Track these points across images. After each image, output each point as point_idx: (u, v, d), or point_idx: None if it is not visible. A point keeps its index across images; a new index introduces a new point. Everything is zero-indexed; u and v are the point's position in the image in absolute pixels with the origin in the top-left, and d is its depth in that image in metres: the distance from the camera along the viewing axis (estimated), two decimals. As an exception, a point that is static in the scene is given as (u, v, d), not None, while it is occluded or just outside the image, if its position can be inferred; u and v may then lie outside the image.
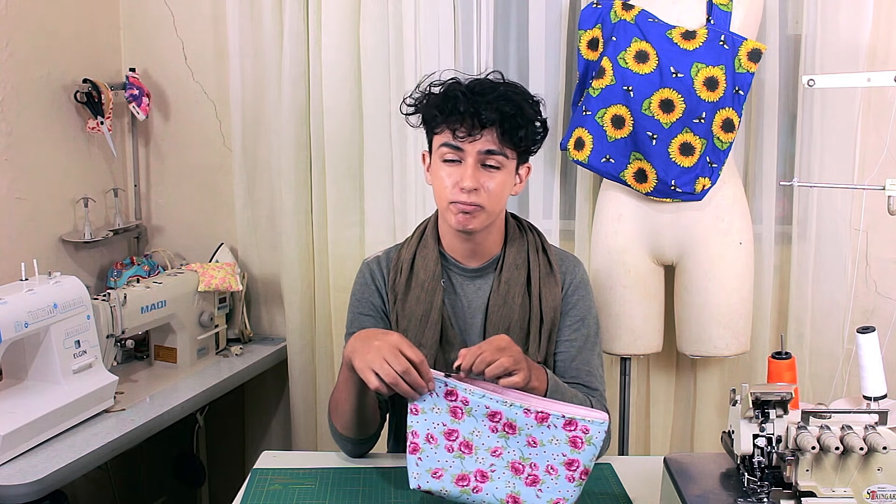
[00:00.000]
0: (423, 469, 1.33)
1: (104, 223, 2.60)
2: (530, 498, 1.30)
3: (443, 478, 1.32)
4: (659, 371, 2.37)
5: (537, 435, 1.29)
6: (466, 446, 1.32)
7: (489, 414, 1.30)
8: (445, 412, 1.31)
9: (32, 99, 2.31)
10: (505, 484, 1.31)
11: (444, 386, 1.31)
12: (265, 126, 2.55)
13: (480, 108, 1.48)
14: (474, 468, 1.32)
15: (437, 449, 1.32)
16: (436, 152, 1.56)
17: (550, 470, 1.29)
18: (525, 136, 1.53)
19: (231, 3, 2.48)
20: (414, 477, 1.33)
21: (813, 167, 2.18)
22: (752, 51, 2.00)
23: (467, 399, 1.30)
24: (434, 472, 1.33)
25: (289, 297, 2.52)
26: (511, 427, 1.30)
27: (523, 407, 1.28)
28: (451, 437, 1.32)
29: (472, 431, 1.31)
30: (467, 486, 1.32)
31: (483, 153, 1.50)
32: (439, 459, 1.32)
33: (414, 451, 1.33)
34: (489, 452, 1.31)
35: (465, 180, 1.49)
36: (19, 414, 1.75)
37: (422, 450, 1.33)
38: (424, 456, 1.33)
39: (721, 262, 2.10)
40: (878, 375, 1.34)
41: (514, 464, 1.31)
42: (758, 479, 1.19)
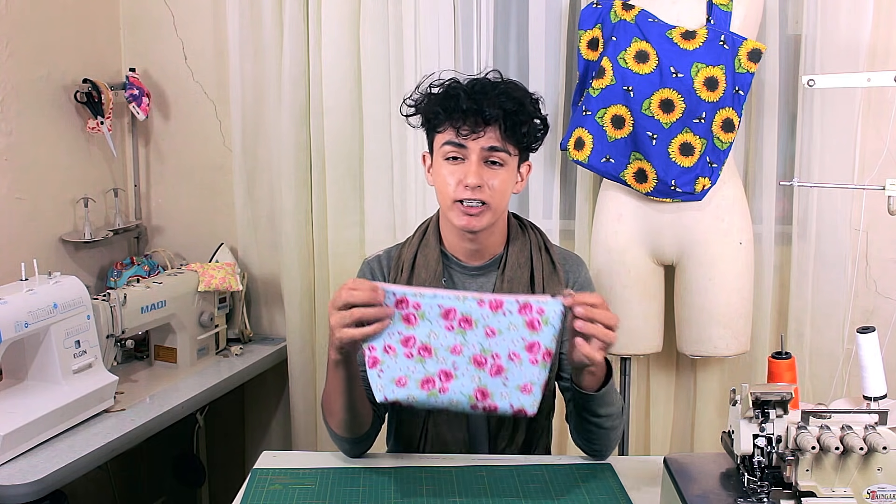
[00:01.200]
0: (386, 380, 1.31)
1: (104, 223, 2.60)
2: (497, 388, 1.30)
3: (407, 385, 1.31)
4: (659, 371, 2.37)
5: (494, 324, 1.28)
6: (425, 349, 1.30)
7: (443, 313, 1.29)
8: (398, 320, 1.30)
9: (32, 99, 2.31)
10: (470, 379, 1.31)
11: (394, 296, 1.29)
12: (265, 126, 2.55)
13: (483, 105, 1.49)
14: (437, 369, 1.31)
15: (396, 358, 1.31)
16: (438, 151, 1.56)
17: (513, 356, 1.29)
18: (528, 133, 1.54)
19: (231, 3, 2.48)
20: (378, 389, 1.31)
21: (813, 167, 2.18)
22: (752, 51, 2.00)
23: (419, 303, 1.28)
24: (398, 381, 1.31)
25: (289, 297, 2.52)
26: (467, 321, 1.29)
27: (476, 299, 1.28)
28: (408, 344, 1.30)
29: (428, 334, 1.30)
30: (434, 389, 1.30)
31: (486, 150, 1.51)
32: (400, 368, 1.31)
33: (373, 364, 1.31)
34: (449, 351, 1.30)
35: (470, 177, 1.49)
36: (19, 414, 1.75)
37: (381, 361, 1.31)
38: (385, 367, 1.31)
39: (721, 262, 2.10)
40: (878, 375, 1.34)
41: (475, 357, 1.30)
42: (758, 479, 1.19)
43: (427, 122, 1.58)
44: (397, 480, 1.46)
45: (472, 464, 1.52)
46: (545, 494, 1.41)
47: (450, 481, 1.45)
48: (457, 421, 1.61)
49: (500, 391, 1.30)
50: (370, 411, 1.53)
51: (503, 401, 1.31)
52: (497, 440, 1.62)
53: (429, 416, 1.61)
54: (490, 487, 1.44)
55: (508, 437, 1.62)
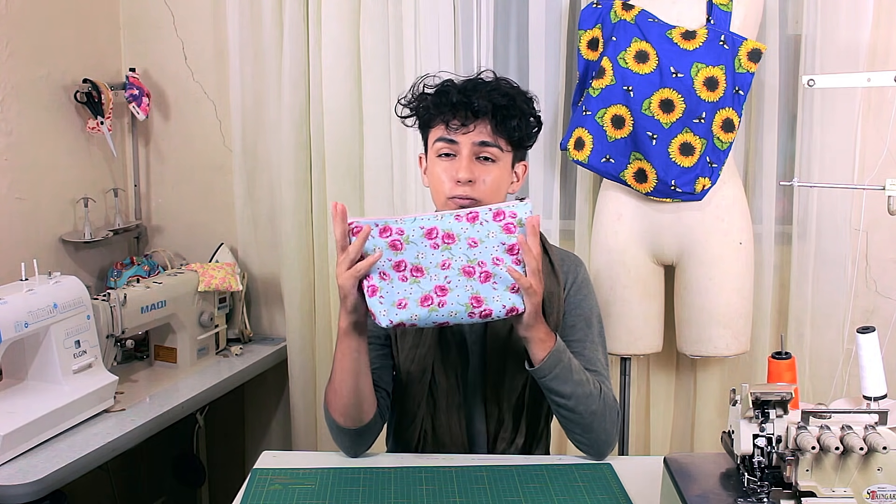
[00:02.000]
0: (387, 305, 1.39)
1: (104, 223, 2.60)
2: (489, 292, 1.39)
3: (408, 305, 1.39)
4: (659, 371, 2.37)
5: (474, 235, 1.39)
6: (417, 270, 1.39)
7: (426, 233, 1.38)
8: (386, 248, 1.38)
9: (32, 99, 2.31)
10: (464, 289, 1.39)
11: (376, 226, 1.37)
12: (265, 126, 2.55)
13: (473, 99, 1.50)
14: (431, 286, 1.39)
15: (392, 283, 1.39)
16: (431, 149, 1.56)
17: (496, 261, 1.39)
18: (518, 127, 1.54)
19: (231, 3, 2.48)
20: (382, 315, 1.39)
21: (813, 167, 2.18)
22: (752, 51, 2.00)
23: (402, 229, 1.38)
24: (398, 304, 1.39)
25: (289, 297, 2.52)
26: (449, 237, 1.38)
27: (453, 214, 1.39)
28: (400, 268, 1.39)
29: (416, 255, 1.39)
30: (433, 304, 1.39)
31: (477, 144, 1.51)
32: (398, 291, 1.39)
33: (373, 293, 1.39)
34: (439, 267, 1.39)
35: (461, 171, 1.50)
36: (19, 414, 1.75)
37: (380, 289, 1.39)
38: (384, 293, 1.39)
39: (721, 262, 2.09)
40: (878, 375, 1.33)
41: (464, 268, 1.39)
42: (758, 479, 1.19)
43: (420, 120, 1.59)
44: (397, 480, 1.46)
45: (472, 464, 1.52)
46: (545, 494, 1.41)
47: (450, 481, 1.45)
48: (455, 423, 1.61)
49: (492, 295, 1.40)
50: (374, 400, 1.52)
51: (496, 303, 1.40)
52: (497, 442, 1.62)
53: (427, 419, 1.61)
54: (490, 487, 1.44)
55: (508, 439, 1.62)
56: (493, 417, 1.61)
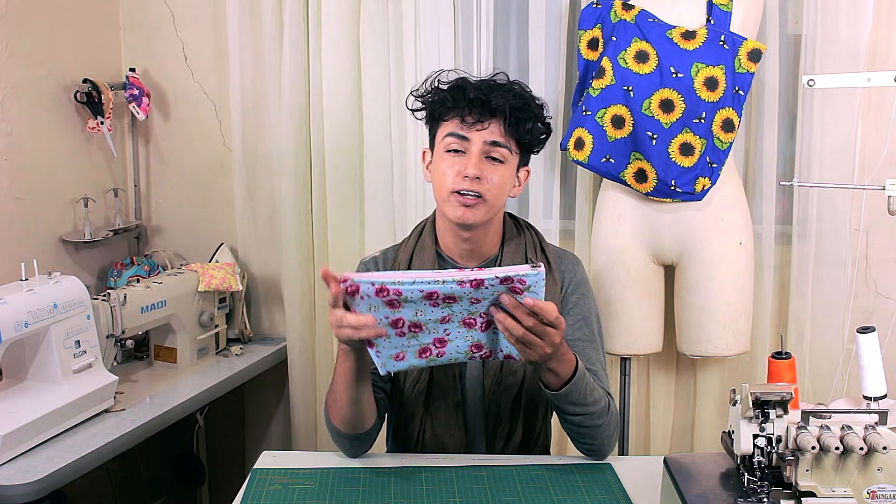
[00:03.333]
0: (385, 358, 1.36)
1: (104, 223, 2.60)
2: (489, 338, 1.36)
3: (406, 358, 1.37)
4: (659, 371, 2.37)
5: (478, 296, 1.29)
6: (416, 326, 1.33)
7: (426, 296, 1.28)
8: (383, 306, 1.30)
9: (32, 99, 2.31)
10: (464, 339, 1.36)
11: (372, 286, 1.28)
12: (265, 126, 2.55)
13: (490, 97, 1.51)
14: (430, 339, 1.35)
15: (390, 339, 1.34)
16: (439, 144, 1.56)
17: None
18: (530, 131, 1.55)
19: (231, 3, 2.48)
20: (380, 366, 1.37)
21: (813, 167, 2.18)
22: (752, 51, 2.00)
23: (399, 290, 1.27)
24: (396, 357, 1.36)
25: (289, 297, 2.52)
26: (451, 298, 1.29)
27: (456, 280, 1.26)
28: (398, 325, 1.32)
29: (415, 313, 1.31)
30: (431, 355, 1.37)
31: (489, 144, 1.52)
32: (396, 346, 1.35)
33: (370, 346, 1.35)
34: (439, 322, 1.33)
35: (470, 168, 1.50)
36: (19, 414, 1.75)
37: (377, 344, 1.35)
38: (381, 348, 1.35)
39: (721, 262, 2.10)
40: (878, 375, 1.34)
41: (465, 320, 1.33)
42: (758, 479, 1.19)
43: (432, 113, 1.58)
44: (397, 480, 1.46)
45: (472, 464, 1.52)
46: (545, 494, 1.41)
47: (449, 481, 1.45)
48: (454, 422, 1.61)
49: (492, 338, 1.37)
50: (374, 409, 1.53)
51: (495, 346, 1.38)
52: (494, 440, 1.62)
53: (426, 418, 1.61)
54: (490, 487, 1.44)
55: (505, 437, 1.62)
56: (492, 416, 1.61)
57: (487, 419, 1.62)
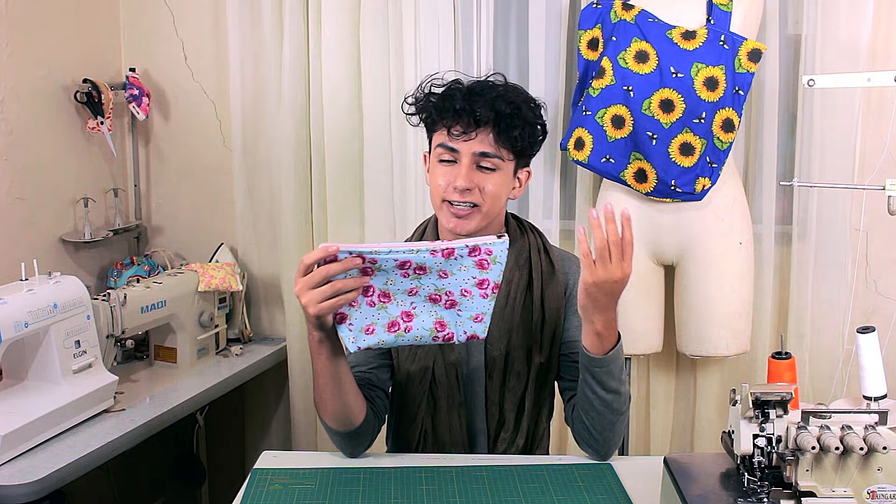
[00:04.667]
0: (356, 331, 1.38)
1: (104, 223, 2.60)
2: (453, 318, 1.39)
3: (375, 331, 1.38)
4: (659, 371, 2.37)
5: (446, 268, 1.35)
6: (385, 296, 1.37)
7: (398, 265, 1.34)
8: (356, 273, 1.34)
9: (32, 99, 2.31)
10: (429, 314, 1.39)
11: (350, 254, 1.32)
12: (265, 126, 2.55)
13: (476, 107, 1.48)
14: (398, 311, 1.38)
15: (360, 309, 1.37)
16: (433, 152, 1.56)
17: (464, 293, 1.37)
18: (521, 137, 1.52)
19: (231, 3, 2.48)
20: (350, 342, 1.39)
21: (813, 167, 2.18)
22: (752, 51, 2.00)
23: (374, 258, 1.33)
24: (366, 329, 1.38)
25: (289, 297, 2.52)
26: (421, 269, 1.35)
27: (429, 249, 1.32)
28: (368, 293, 1.36)
29: (385, 282, 1.36)
30: (399, 329, 1.39)
31: (478, 154, 1.50)
32: (366, 317, 1.38)
33: (342, 320, 1.38)
34: (406, 294, 1.37)
35: (459, 180, 1.49)
36: (19, 414, 1.74)
37: (349, 315, 1.37)
38: (353, 319, 1.38)
39: (721, 262, 2.10)
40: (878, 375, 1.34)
41: (431, 296, 1.38)
42: (758, 479, 1.19)
43: (425, 121, 1.58)
44: (397, 480, 1.46)
45: (472, 464, 1.52)
46: (545, 494, 1.41)
47: (450, 481, 1.45)
48: (456, 424, 1.60)
49: (455, 320, 1.40)
50: (362, 401, 1.51)
51: (458, 328, 1.40)
52: (497, 442, 1.61)
53: (427, 419, 1.61)
54: (490, 487, 1.44)
55: (509, 439, 1.61)
56: (494, 418, 1.61)
57: (489, 421, 1.62)
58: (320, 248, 1.30)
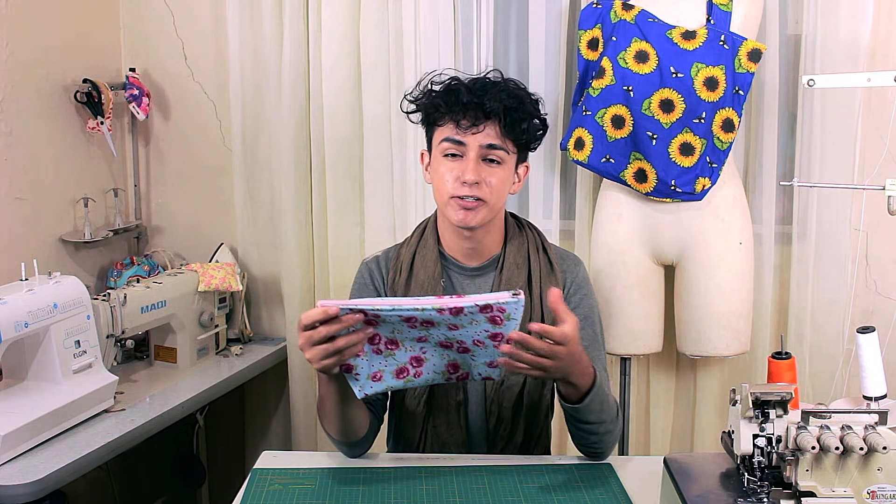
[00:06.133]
0: (363, 380, 1.36)
1: (104, 223, 2.60)
2: (466, 361, 1.37)
3: (383, 378, 1.37)
4: (659, 371, 2.37)
5: (456, 322, 1.28)
6: (392, 343, 1.34)
7: (404, 319, 1.28)
8: (361, 325, 1.29)
9: (32, 99, 2.30)
10: (440, 357, 1.37)
11: (350, 311, 1.26)
12: (265, 126, 2.55)
13: (484, 99, 1.50)
14: (406, 357, 1.36)
15: (367, 357, 1.34)
16: (436, 148, 1.56)
17: (477, 343, 1.32)
18: (527, 130, 1.54)
19: (231, 3, 2.48)
20: (358, 389, 1.37)
21: (813, 167, 2.18)
22: (752, 51, 2.00)
23: (378, 314, 1.27)
24: (373, 377, 1.36)
25: (289, 297, 2.52)
26: (429, 323, 1.29)
27: (436, 308, 1.24)
28: (374, 341, 1.33)
29: (392, 331, 1.32)
30: (409, 375, 1.37)
31: (485, 147, 1.51)
32: (373, 364, 1.35)
33: (348, 370, 1.35)
34: (415, 341, 1.34)
35: (468, 173, 1.50)
36: (19, 414, 1.74)
37: (355, 366, 1.34)
38: (360, 369, 1.35)
39: (721, 262, 2.10)
40: (878, 375, 1.34)
41: (441, 343, 1.34)
42: (758, 479, 1.19)
43: (427, 118, 1.58)
44: (397, 480, 1.46)
45: (472, 464, 1.52)
46: (545, 494, 1.41)
47: (450, 481, 1.45)
48: (455, 422, 1.61)
49: (470, 363, 1.38)
50: (366, 417, 1.52)
51: (473, 370, 1.38)
52: (495, 440, 1.62)
53: (428, 418, 1.61)
54: (490, 487, 1.44)
55: (507, 436, 1.62)
56: (493, 415, 1.61)
57: (488, 419, 1.62)
58: (319, 307, 1.25)
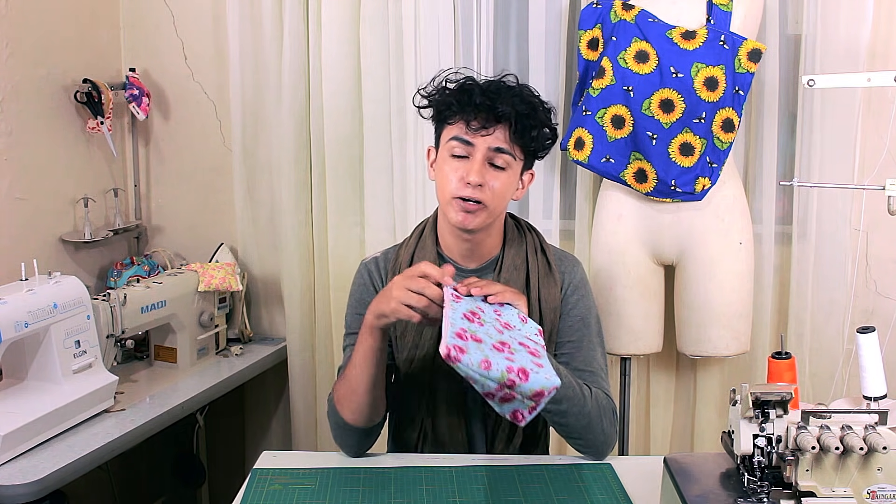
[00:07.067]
0: (477, 370, 1.24)
1: (104, 223, 2.60)
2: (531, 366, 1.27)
3: (491, 364, 1.24)
4: (659, 371, 2.37)
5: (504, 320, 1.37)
6: (475, 336, 1.29)
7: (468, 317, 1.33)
8: (462, 319, 1.33)
9: (32, 99, 2.31)
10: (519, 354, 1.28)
11: (452, 293, 1.36)
12: (265, 126, 2.55)
13: (496, 102, 1.49)
14: (494, 340, 1.30)
15: (469, 348, 1.25)
16: (444, 146, 1.55)
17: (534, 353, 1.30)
18: (536, 138, 1.54)
19: (231, 3, 2.48)
20: (486, 377, 1.25)
21: (813, 167, 2.18)
22: (752, 51, 2.00)
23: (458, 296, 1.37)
24: (483, 364, 1.24)
25: (289, 297, 2.52)
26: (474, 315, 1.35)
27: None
28: (464, 338, 1.27)
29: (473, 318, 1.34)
30: (502, 352, 1.27)
31: (493, 150, 1.51)
32: (477, 352, 1.25)
33: (456, 360, 1.24)
34: (495, 330, 1.33)
35: (472, 174, 1.49)
36: (19, 414, 1.75)
37: (466, 350, 1.25)
38: (471, 356, 1.25)
39: (721, 262, 2.10)
40: (878, 375, 1.34)
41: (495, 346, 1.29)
42: (758, 479, 1.19)
43: (438, 115, 1.58)
44: (397, 480, 1.46)
45: (472, 464, 1.52)
46: (545, 494, 1.41)
47: (449, 481, 1.45)
48: (455, 423, 1.61)
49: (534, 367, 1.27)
50: (384, 401, 1.53)
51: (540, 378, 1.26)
52: (495, 441, 1.62)
53: (427, 419, 1.61)
54: (490, 487, 1.44)
55: (506, 438, 1.62)
56: (492, 417, 1.61)
57: (487, 421, 1.62)
58: (445, 269, 1.39)
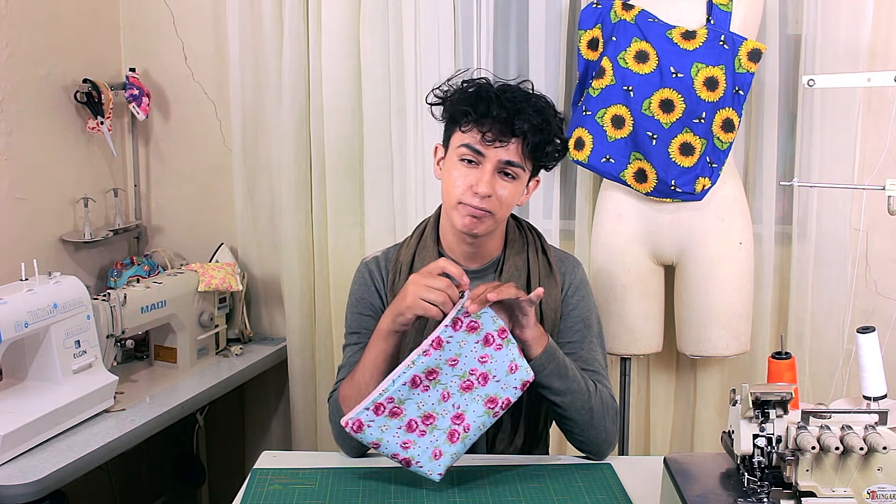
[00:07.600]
0: (427, 464, 1.39)
1: (104, 223, 2.60)
2: (495, 387, 1.40)
3: (443, 451, 1.40)
4: (659, 371, 2.37)
5: (448, 356, 1.40)
6: (427, 418, 1.41)
7: (410, 385, 1.39)
8: (389, 419, 1.39)
9: (32, 99, 2.31)
10: (473, 401, 1.40)
11: (368, 410, 1.39)
12: (265, 126, 2.55)
13: (514, 118, 1.47)
14: (448, 421, 1.40)
15: (417, 445, 1.40)
16: (454, 149, 1.53)
17: (482, 359, 1.41)
18: (549, 153, 1.53)
19: (231, 3, 2.48)
20: (428, 474, 1.40)
21: (813, 167, 2.18)
22: (752, 51, 2.00)
23: (391, 397, 1.38)
24: (434, 455, 1.39)
25: (289, 297, 2.52)
26: (432, 373, 1.40)
27: (420, 353, 1.38)
28: (413, 428, 1.40)
29: (417, 407, 1.40)
30: (461, 434, 1.39)
31: (504, 162, 1.49)
32: (427, 446, 1.40)
33: (407, 464, 1.40)
34: (441, 401, 1.41)
35: (481, 185, 1.48)
36: (19, 414, 1.75)
37: (412, 458, 1.40)
38: (418, 457, 1.40)
39: (721, 262, 2.10)
40: (878, 375, 1.34)
41: (461, 386, 1.41)
42: (758, 479, 1.19)
43: (451, 117, 1.56)
44: (397, 480, 1.46)
45: (472, 464, 1.52)
46: (545, 494, 1.41)
47: (450, 481, 1.45)
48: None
49: (499, 388, 1.40)
50: None
51: (506, 391, 1.41)
52: (495, 442, 1.62)
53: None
54: (490, 487, 1.44)
55: (507, 440, 1.62)
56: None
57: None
58: (460, 272, 1.42)
